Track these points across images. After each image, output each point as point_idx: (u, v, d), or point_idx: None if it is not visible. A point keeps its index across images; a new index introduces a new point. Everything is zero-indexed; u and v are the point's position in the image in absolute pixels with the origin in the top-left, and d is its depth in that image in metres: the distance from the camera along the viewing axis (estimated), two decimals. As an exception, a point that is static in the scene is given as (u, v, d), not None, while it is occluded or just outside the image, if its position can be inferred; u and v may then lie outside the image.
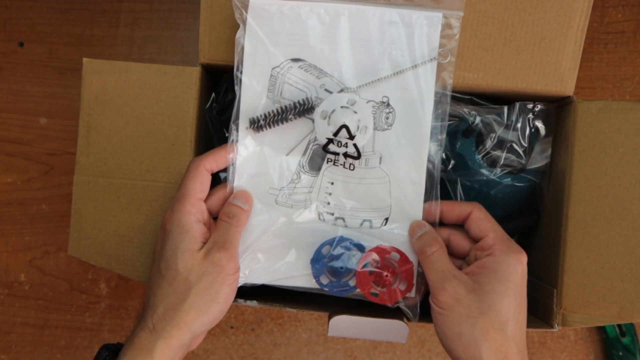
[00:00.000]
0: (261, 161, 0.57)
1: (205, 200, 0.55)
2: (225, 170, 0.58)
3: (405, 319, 0.58)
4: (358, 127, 0.54)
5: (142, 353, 0.50)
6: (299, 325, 0.88)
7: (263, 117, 0.55)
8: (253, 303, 0.60)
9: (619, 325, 0.85)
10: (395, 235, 0.57)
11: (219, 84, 0.65)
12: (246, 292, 0.59)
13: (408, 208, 0.57)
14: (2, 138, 0.86)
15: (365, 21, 0.56)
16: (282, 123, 0.56)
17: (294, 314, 0.87)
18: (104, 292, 0.88)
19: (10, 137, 0.86)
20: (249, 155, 0.57)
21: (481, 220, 0.53)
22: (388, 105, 0.56)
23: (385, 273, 0.55)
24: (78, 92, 0.58)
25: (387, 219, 0.57)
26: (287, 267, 0.57)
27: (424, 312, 0.64)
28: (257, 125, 0.55)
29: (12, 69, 0.86)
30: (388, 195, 0.57)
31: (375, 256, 0.56)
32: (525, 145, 0.62)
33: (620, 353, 0.85)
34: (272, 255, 0.57)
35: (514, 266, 0.51)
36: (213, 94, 0.64)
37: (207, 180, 0.54)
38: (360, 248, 0.56)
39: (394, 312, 0.59)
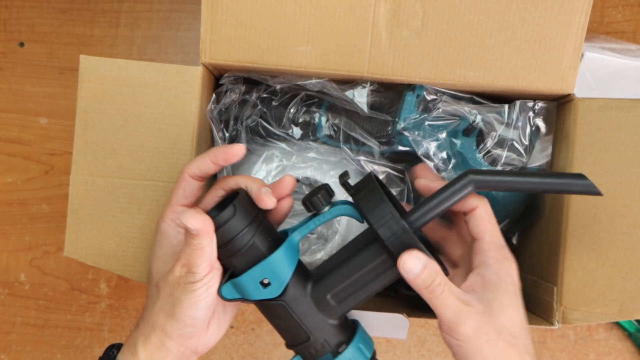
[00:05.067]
0: None
1: (200, 203, 0.53)
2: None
3: (405, 314, 0.59)
4: None
5: (129, 348, 0.51)
6: (299, 325, 0.88)
7: None
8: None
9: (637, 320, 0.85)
10: None
11: (220, 84, 0.65)
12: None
13: None
14: (2, 138, 0.86)
15: None
16: None
17: (294, 314, 0.87)
18: (104, 292, 0.88)
19: (10, 137, 0.86)
20: None
21: (483, 220, 0.51)
22: None
23: None
24: (78, 91, 0.58)
25: None
26: None
27: (424, 310, 0.64)
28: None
29: (12, 69, 0.86)
30: None
31: None
32: (526, 143, 0.62)
33: None
34: None
35: (511, 275, 0.50)
36: (214, 95, 0.64)
37: (190, 186, 0.52)
38: None
39: (395, 308, 0.60)
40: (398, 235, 0.47)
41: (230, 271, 0.50)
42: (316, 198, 0.50)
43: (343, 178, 0.50)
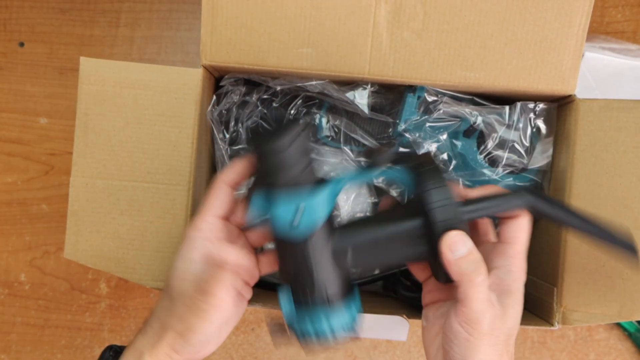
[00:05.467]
0: None
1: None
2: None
3: (405, 316, 0.59)
4: None
5: (135, 354, 0.50)
6: (299, 324, 0.88)
7: None
8: (256, 306, 0.60)
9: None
10: None
11: (220, 86, 0.65)
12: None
13: None
14: (2, 138, 0.86)
15: None
16: None
17: (294, 314, 0.88)
18: (104, 292, 0.88)
19: (10, 137, 0.86)
20: None
21: (522, 230, 0.50)
22: None
23: None
24: (78, 92, 0.58)
25: None
26: None
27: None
28: None
29: (12, 69, 0.86)
30: None
31: None
32: (527, 144, 0.62)
33: None
34: None
35: (523, 286, 0.50)
36: (214, 97, 0.64)
37: (227, 196, 0.51)
38: None
39: (395, 310, 0.60)
40: (451, 222, 0.46)
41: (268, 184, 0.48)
42: (381, 156, 0.50)
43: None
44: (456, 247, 0.46)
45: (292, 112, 0.65)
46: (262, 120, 0.65)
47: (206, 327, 0.48)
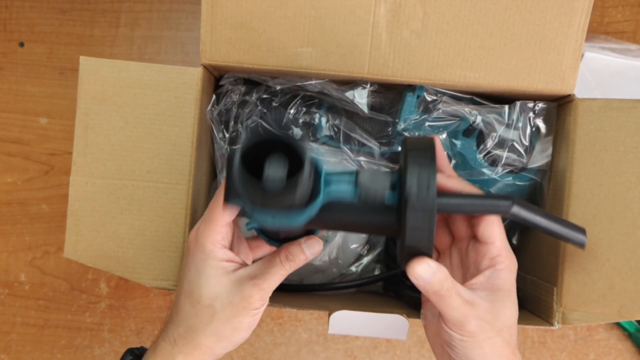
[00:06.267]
0: None
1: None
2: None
3: (405, 315, 0.59)
4: None
5: None
6: (299, 325, 0.88)
7: None
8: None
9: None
10: None
11: (220, 86, 0.65)
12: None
13: None
14: (2, 138, 0.86)
15: None
16: None
17: (294, 314, 0.87)
18: (104, 292, 0.88)
19: (10, 137, 0.86)
20: None
21: (494, 224, 0.51)
22: None
23: None
24: (78, 92, 0.58)
25: None
26: None
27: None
28: None
29: (12, 69, 0.86)
30: None
31: None
32: (526, 144, 0.62)
33: None
34: None
35: (513, 279, 0.51)
36: (214, 96, 0.64)
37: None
38: None
39: (395, 309, 0.60)
40: (422, 197, 0.45)
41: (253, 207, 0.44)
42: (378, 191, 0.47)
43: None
44: (420, 275, 0.48)
45: (291, 111, 0.65)
46: (261, 120, 0.65)
47: (253, 323, 0.51)
